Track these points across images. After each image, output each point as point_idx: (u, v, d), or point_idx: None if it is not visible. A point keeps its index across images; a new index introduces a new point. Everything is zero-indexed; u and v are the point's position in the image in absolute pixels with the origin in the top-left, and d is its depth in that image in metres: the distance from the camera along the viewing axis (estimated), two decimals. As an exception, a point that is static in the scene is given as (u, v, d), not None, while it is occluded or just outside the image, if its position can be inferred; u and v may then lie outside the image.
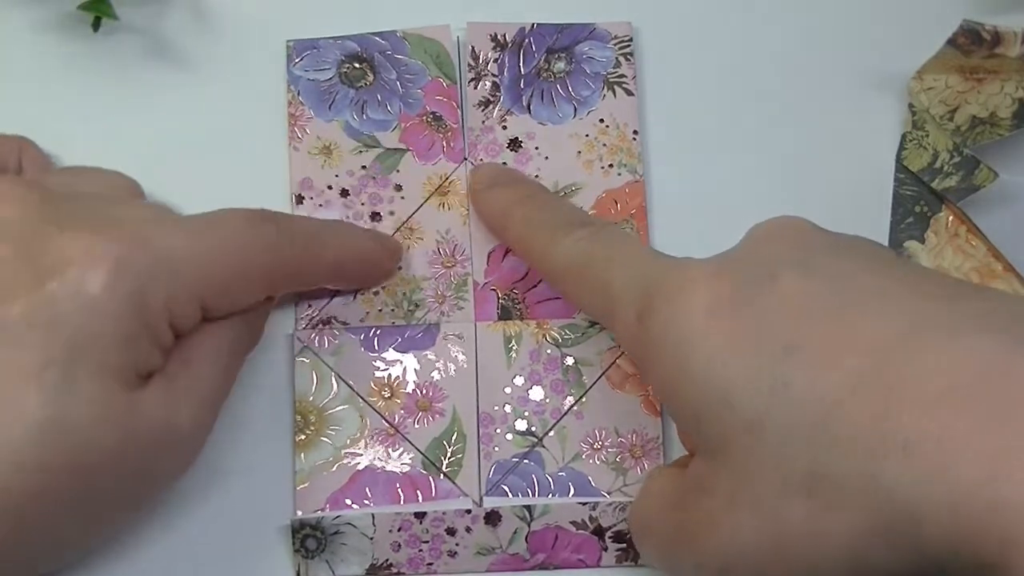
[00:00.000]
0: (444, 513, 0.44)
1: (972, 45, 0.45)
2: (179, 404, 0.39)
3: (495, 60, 0.47)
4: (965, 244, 0.46)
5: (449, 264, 0.47)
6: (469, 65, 0.48)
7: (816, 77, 0.49)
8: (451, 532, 0.44)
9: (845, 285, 0.35)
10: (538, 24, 0.48)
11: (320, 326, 0.46)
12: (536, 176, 0.47)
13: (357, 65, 0.48)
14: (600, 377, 0.46)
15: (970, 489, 0.30)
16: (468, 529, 0.44)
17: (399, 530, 0.44)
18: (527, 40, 0.46)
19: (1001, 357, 0.31)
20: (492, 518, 0.44)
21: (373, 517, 0.44)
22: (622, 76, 0.49)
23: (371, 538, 0.44)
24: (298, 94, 0.48)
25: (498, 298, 0.46)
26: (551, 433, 0.46)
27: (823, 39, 0.48)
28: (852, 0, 0.49)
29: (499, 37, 0.46)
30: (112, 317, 0.37)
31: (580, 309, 0.46)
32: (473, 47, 0.47)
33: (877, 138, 0.39)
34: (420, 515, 0.44)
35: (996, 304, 0.34)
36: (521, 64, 0.48)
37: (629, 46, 0.49)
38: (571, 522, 0.44)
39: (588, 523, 0.44)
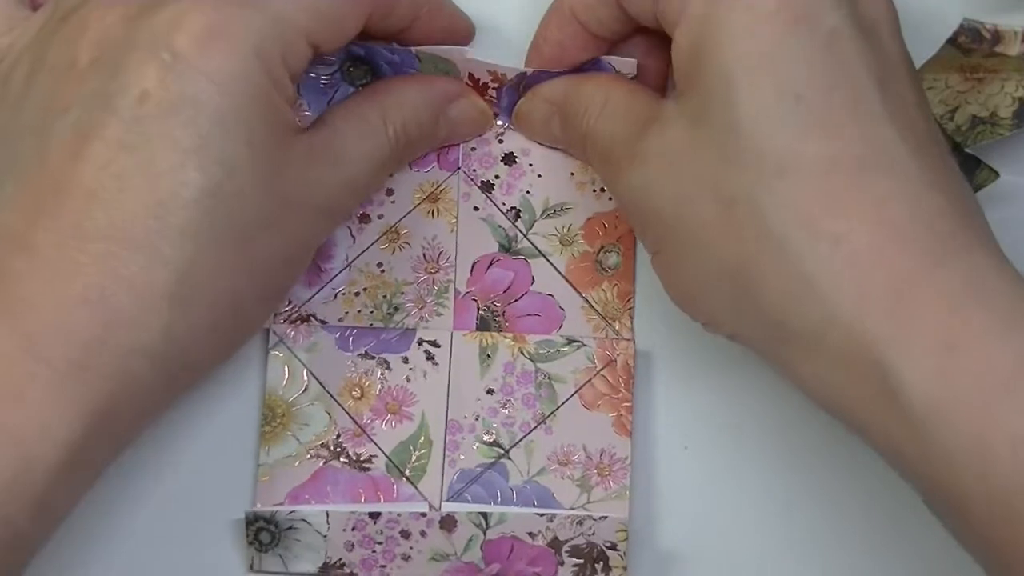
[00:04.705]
0: (399, 515, 0.44)
1: (972, 44, 0.44)
2: (317, 177, 0.41)
3: (494, 88, 0.47)
4: None
5: (432, 270, 0.47)
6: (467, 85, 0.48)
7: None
8: (405, 535, 0.44)
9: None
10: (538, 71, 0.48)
11: (297, 322, 0.46)
12: (527, 192, 0.47)
13: (360, 65, 0.48)
14: (573, 395, 0.45)
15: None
16: (423, 533, 0.44)
17: (353, 529, 0.44)
18: (526, 81, 0.46)
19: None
20: (447, 523, 0.44)
21: (327, 515, 0.44)
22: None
23: (325, 536, 0.44)
24: (297, 88, 0.48)
25: (478, 308, 0.46)
26: (518, 446, 0.45)
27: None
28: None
29: (499, 75, 0.46)
30: (241, 81, 0.37)
31: None
32: (472, 73, 0.47)
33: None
34: (375, 515, 0.44)
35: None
36: (520, 96, 0.48)
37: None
38: (528, 533, 0.43)
39: (545, 535, 0.43)
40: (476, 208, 0.47)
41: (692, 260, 0.39)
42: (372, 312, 0.46)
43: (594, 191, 0.47)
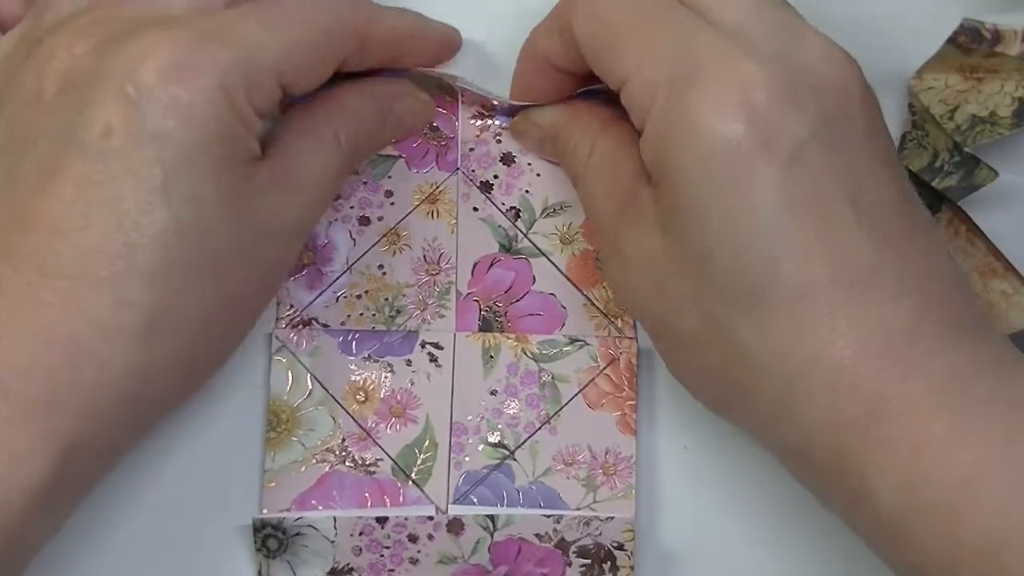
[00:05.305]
0: (406, 519, 0.44)
1: (972, 43, 0.44)
2: (278, 204, 0.40)
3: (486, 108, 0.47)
4: (965, 243, 0.46)
5: (433, 272, 0.47)
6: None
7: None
8: (413, 539, 0.44)
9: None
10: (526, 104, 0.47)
11: (300, 326, 0.46)
12: (527, 192, 0.47)
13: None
14: (577, 394, 0.45)
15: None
16: (430, 536, 0.44)
17: (361, 534, 0.44)
18: (517, 109, 0.47)
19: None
20: (454, 526, 0.44)
21: (335, 520, 0.44)
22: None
23: (332, 541, 0.44)
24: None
25: (480, 309, 0.46)
26: (523, 447, 0.45)
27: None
28: (852, 0, 0.48)
29: (489, 104, 0.47)
30: (207, 117, 0.37)
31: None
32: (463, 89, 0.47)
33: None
34: (382, 520, 0.44)
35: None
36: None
37: None
38: (535, 534, 0.44)
39: (552, 536, 0.44)
40: (476, 209, 0.47)
41: (684, 356, 0.41)
42: (374, 315, 0.46)
43: (593, 189, 0.47)
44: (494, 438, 0.45)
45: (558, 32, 0.42)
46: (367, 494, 0.45)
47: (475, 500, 0.45)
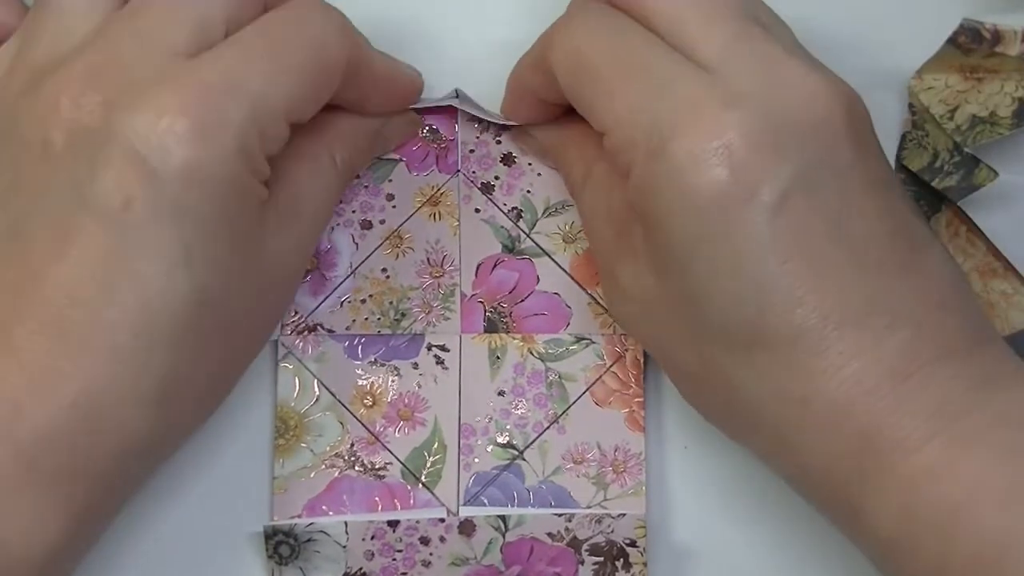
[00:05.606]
0: (418, 522, 0.44)
1: (972, 44, 0.45)
2: (285, 243, 0.41)
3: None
4: (965, 244, 0.46)
5: (437, 274, 0.47)
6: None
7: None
8: (425, 541, 0.44)
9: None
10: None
11: (305, 332, 0.46)
12: (528, 192, 0.47)
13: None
14: (584, 393, 0.46)
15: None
16: (442, 539, 0.44)
17: (372, 538, 0.44)
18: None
19: None
20: (466, 528, 0.44)
21: (346, 525, 0.44)
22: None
23: (344, 546, 0.44)
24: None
25: (485, 310, 0.46)
26: (532, 447, 0.45)
27: (823, 39, 0.47)
28: (852, 0, 0.49)
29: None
30: (225, 182, 0.37)
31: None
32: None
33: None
34: (393, 523, 0.44)
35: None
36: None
37: None
38: (547, 534, 0.44)
39: (564, 535, 0.44)
40: (478, 210, 0.47)
41: (689, 387, 0.41)
42: (379, 319, 0.46)
43: (594, 187, 0.47)
44: (503, 439, 0.45)
45: (540, 67, 0.42)
46: (377, 498, 0.45)
47: (486, 501, 0.45)
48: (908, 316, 0.37)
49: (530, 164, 0.47)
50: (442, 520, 0.44)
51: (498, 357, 0.46)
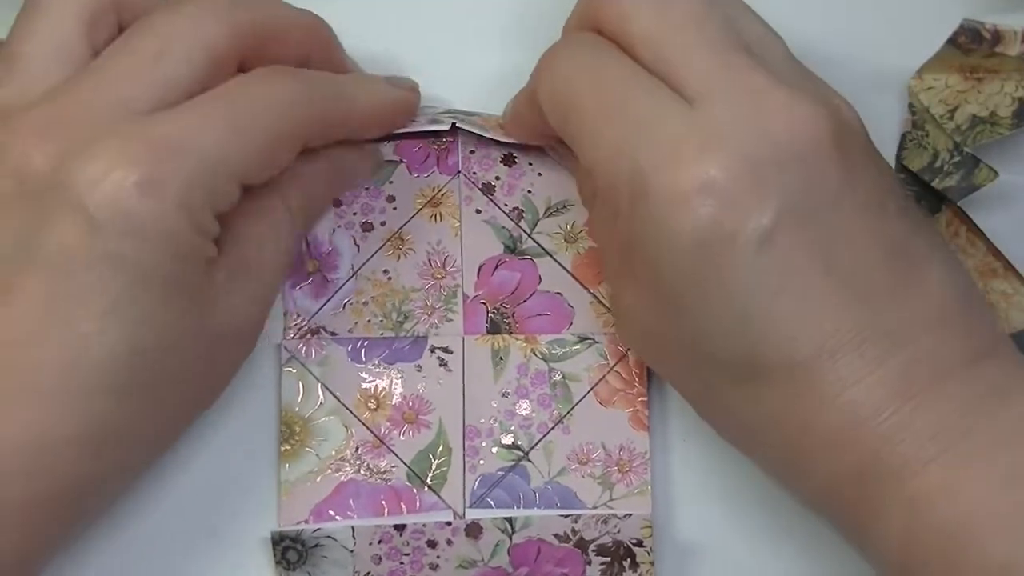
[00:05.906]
0: (425, 525, 0.44)
1: (972, 44, 0.45)
2: (238, 300, 0.40)
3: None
4: (965, 244, 0.46)
5: (439, 276, 0.47)
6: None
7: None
8: (432, 544, 0.44)
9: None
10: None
11: (308, 336, 0.46)
12: (529, 192, 0.47)
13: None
14: (588, 393, 0.46)
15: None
16: (449, 542, 0.44)
17: (380, 543, 0.44)
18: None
19: None
20: (473, 530, 0.44)
21: (353, 530, 0.44)
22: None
23: (351, 551, 0.44)
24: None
25: (487, 311, 0.46)
26: (537, 447, 0.45)
27: (822, 39, 0.47)
28: (852, 0, 0.49)
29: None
30: (165, 237, 0.37)
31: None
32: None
33: (877, 138, 0.39)
34: (400, 527, 0.44)
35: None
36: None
37: None
38: (554, 535, 0.44)
39: (571, 536, 0.44)
40: (479, 211, 0.47)
41: (698, 408, 0.42)
42: (382, 321, 0.46)
43: (594, 186, 0.47)
44: (508, 440, 0.45)
45: (533, 103, 0.42)
46: (383, 501, 0.45)
47: (492, 503, 0.45)
48: (904, 339, 0.37)
49: (531, 164, 0.47)
50: (449, 523, 0.44)
51: (501, 358, 0.46)
